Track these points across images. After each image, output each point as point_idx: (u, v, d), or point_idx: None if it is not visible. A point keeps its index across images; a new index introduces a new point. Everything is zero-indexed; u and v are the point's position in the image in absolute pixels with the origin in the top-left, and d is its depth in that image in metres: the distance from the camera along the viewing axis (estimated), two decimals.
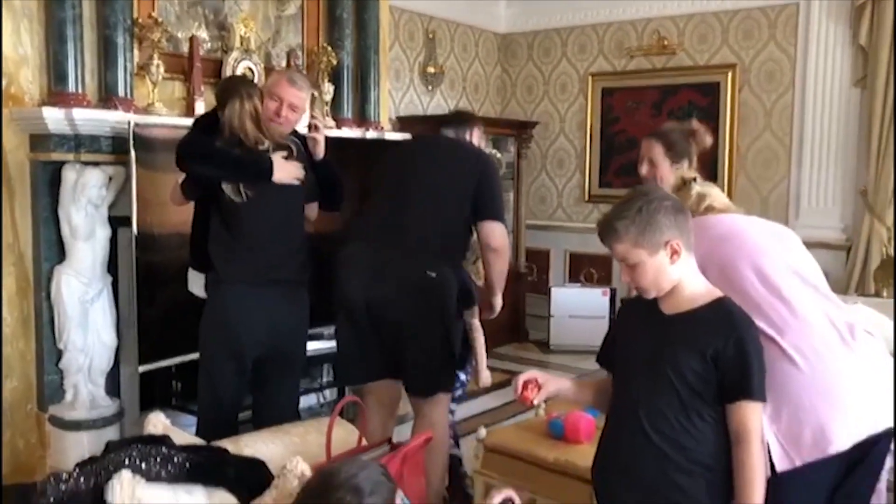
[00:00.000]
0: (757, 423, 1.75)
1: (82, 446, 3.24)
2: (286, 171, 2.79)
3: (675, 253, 1.78)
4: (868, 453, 1.90)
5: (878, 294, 4.60)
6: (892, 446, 2.01)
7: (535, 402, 1.97)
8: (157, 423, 1.87)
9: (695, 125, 2.86)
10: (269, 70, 4.10)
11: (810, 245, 5.83)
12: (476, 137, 3.09)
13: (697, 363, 1.76)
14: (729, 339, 1.74)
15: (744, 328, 1.78)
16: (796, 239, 2.16)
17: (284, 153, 2.80)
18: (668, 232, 1.77)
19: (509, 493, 1.82)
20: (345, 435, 2.23)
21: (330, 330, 4.08)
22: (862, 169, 5.07)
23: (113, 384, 3.42)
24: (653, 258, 1.77)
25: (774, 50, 5.45)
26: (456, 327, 2.77)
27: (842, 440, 1.83)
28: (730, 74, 5.61)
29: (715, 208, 2.16)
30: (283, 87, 2.84)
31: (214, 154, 2.74)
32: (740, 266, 1.97)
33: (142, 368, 3.23)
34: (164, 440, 1.64)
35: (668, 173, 2.81)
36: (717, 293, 1.86)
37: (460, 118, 3.18)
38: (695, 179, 2.15)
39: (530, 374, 1.97)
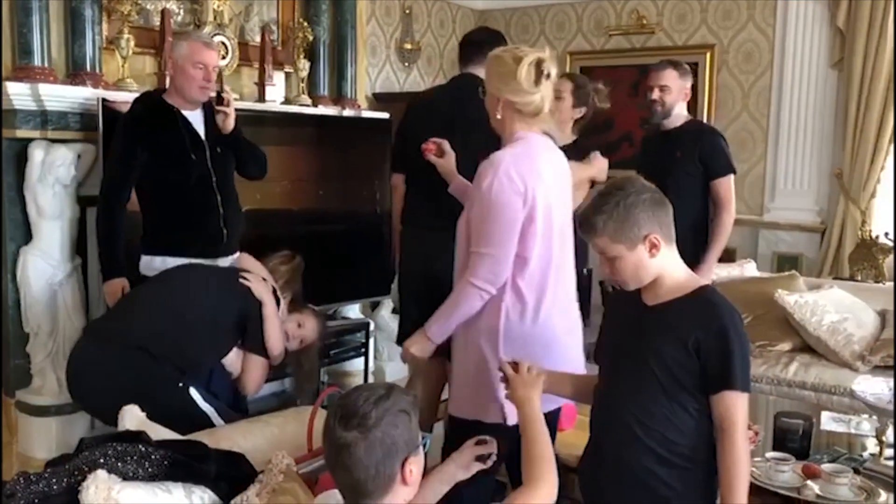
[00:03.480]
0: (741, 414, 1.73)
1: (51, 432, 3.17)
2: None
3: (654, 247, 1.76)
4: None
5: (852, 277, 4.64)
6: None
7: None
8: (132, 416, 1.80)
9: (599, 85, 3.47)
10: (242, 45, 3.99)
11: (786, 227, 5.88)
12: None
13: (679, 353, 1.74)
14: (710, 329, 1.73)
15: (727, 317, 1.76)
16: None
17: None
18: (647, 226, 1.75)
19: None
20: None
21: None
22: (837, 151, 5.09)
23: None
24: (631, 252, 1.75)
25: (753, 30, 5.42)
26: None
27: None
28: (708, 55, 5.57)
29: None
30: (204, 53, 2.87)
31: None
32: None
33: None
34: (140, 437, 1.58)
35: (567, 111, 3.37)
36: (700, 282, 1.85)
37: (481, 43, 2.86)
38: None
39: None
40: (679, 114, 3.54)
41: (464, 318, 2.14)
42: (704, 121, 5.57)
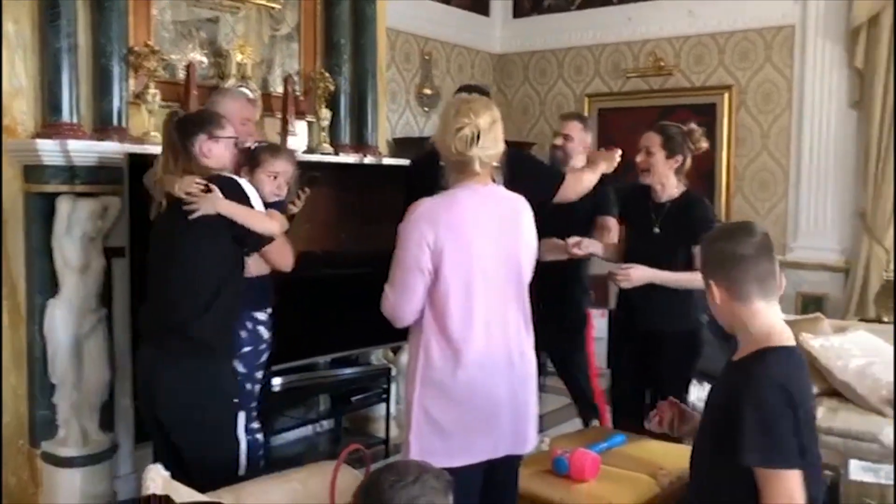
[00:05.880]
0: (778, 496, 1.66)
1: (75, 484, 3.18)
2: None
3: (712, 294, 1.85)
4: None
5: (878, 319, 4.58)
6: None
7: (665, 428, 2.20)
8: (156, 477, 1.81)
9: (692, 126, 3.16)
10: (265, 96, 4.06)
11: (809, 267, 5.83)
12: None
13: (722, 415, 1.76)
14: (739, 394, 1.72)
15: (754, 386, 1.70)
16: None
17: None
18: (713, 274, 1.86)
19: None
20: (349, 481, 2.17)
21: (326, 359, 4.05)
22: (860, 190, 5.06)
23: (106, 418, 3.35)
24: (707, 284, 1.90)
25: (771, 71, 5.45)
26: None
27: None
28: (726, 95, 5.60)
29: None
30: (249, 109, 3.16)
31: None
32: None
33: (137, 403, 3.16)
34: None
35: (662, 164, 3.11)
36: (773, 344, 1.78)
37: None
38: None
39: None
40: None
41: None
42: (724, 161, 5.58)
